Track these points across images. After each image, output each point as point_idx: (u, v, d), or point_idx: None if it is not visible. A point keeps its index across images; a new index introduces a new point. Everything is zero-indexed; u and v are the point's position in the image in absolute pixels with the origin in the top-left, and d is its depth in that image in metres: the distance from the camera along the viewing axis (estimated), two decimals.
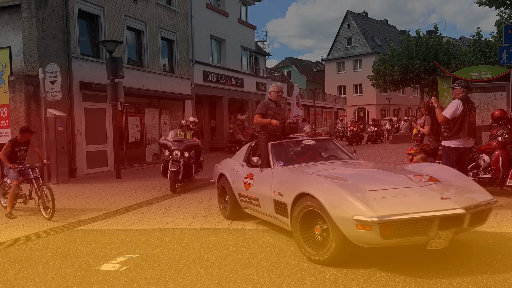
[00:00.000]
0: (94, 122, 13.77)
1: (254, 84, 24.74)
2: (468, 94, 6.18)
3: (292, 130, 6.11)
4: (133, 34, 16.18)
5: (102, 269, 4.29)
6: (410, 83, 29.43)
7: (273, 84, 6.41)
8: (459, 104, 6.03)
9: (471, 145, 6.23)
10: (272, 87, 6.29)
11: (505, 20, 21.09)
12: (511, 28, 9.75)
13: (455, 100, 6.12)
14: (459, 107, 6.00)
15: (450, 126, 6.09)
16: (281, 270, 4.03)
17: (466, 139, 6.07)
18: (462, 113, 5.99)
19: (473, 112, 6.15)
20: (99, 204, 8.14)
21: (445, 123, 6.16)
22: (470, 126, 6.05)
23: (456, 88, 6.20)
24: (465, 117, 6.00)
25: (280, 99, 6.38)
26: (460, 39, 57.19)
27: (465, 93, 6.11)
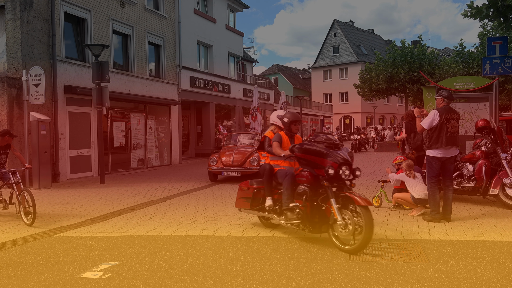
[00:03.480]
0: (78, 126, 13.58)
1: (241, 90, 24.74)
2: (450, 103, 6.23)
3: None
4: (119, 38, 16.05)
5: (84, 277, 4.19)
6: (395, 92, 29.82)
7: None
8: (435, 114, 6.12)
9: (454, 154, 6.19)
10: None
11: (488, 32, 21.57)
12: (494, 40, 9.97)
13: (433, 110, 6.23)
14: (436, 118, 6.09)
15: (430, 136, 6.20)
16: (267, 278, 3.99)
17: (447, 148, 6.08)
18: (439, 123, 6.05)
19: (454, 121, 6.10)
20: (82, 210, 7.99)
21: (426, 133, 6.26)
22: (449, 136, 6.03)
23: (438, 98, 6.30)
24: (443, 127, 6.04)
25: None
26: (444, 50, 58.31)
27: (446, 103, 6.17)
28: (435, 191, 6.17)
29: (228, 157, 11.43)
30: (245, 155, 11.40)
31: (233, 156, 11.37)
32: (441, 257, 4.46)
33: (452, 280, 3.80)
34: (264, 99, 27.46)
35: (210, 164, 11.44)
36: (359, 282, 3.82)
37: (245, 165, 11.14)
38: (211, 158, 11.54)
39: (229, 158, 11.39)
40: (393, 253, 4.62)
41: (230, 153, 11.56)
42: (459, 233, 5.44)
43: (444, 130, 6.04)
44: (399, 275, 3.96)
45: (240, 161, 11.23)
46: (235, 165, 11.20)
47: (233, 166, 11.18)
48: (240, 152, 11.61)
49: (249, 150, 11.72)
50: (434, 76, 26.89)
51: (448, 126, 6.04)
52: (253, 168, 10.96)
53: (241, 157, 11.34)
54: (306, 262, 4.41)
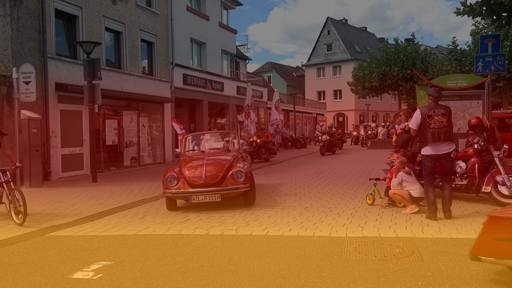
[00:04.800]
0: (70, 124, 13.45)
1: (235, 88, 24.68)
2: (437, 101, 6.21)
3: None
4: (111, 35, 15.91)
5: (75, 277, 4.13)
6: (389, 89, 29.89)
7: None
8: (417, 113, 6.22)
9: (446, 151, 6.09)
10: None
11: (480, 30, 21.67)
12: (487, 38, 9.98)
13: (417, 110, 6.34)
14: (418, 116, 6.19)
15: (419, 135, 6.28)
16: (260, 278, 3.96)
17: (435, 145, 6.05)
18: (421, 121, 6.11)
19: (438, 117, 6.00)
20: (74, 208, 7.91)
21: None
22: (433, 132, 6.02)
23: (428, 96, 6.35)
24: (425, 124, 6.08)
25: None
26: (437, 48, 58.60)
27: (432, 100, 6.19)
28: (429, 190, 6.17)
29: (195, 171, 7.31)
30: (222, 166, 7.41)
31: (204, 169, 7.25)
32: (435, 255, 4.46)
33: (446, 278, 3.80)
34: (257, 96, 27.42)
35: (167, 185, 7.17)
36: (352, 280, 3.81)
37: (226, 183, 7.18)
38: (168, 175, 7.24)
39: (198, 172, 7.25)
40: (386, 251, 4.62)
41: (198, 165, 7.48)
42: (452, 231, 5.45)
43: (427, 127, 6.07)
44: (392, 273, 3.95)
45: (217, 177, 7.17)
46: (210, 183, 7.11)
47: (206, 186, 7.10)
48: (214, 163, 7.56)
49: (227, 158, 7.76)
50: (427, 74, 26.98)
51: (430, 123, 6.04)
52: (239, 186, 7.14)
53: (217, 170, 7.28)
54: (300, 261, 4.39)
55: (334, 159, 18.16)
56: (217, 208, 7.44)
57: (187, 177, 7.23)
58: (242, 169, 7.32)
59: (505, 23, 8.83)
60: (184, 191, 7.12)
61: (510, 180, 6.65)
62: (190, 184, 7.16)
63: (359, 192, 8.88)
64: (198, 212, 7.21)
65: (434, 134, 6.01)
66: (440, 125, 6.01)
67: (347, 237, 5.31)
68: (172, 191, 7.15)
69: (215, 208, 7.41)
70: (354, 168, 13.98)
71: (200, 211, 7.27)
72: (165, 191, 7.25)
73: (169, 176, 7.24)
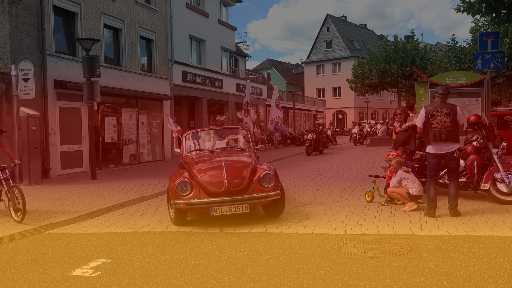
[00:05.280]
0: (69, 121, 13.44)
1: (234, 85, 24.66)
2: (443, 99, 6.19)
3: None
4: (110, 32, 15.88)
5: (74, 275, 4.14)
6: (388, 87, 29.89)
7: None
8: (422, 112, 6.29)
9: (449, 151, 6.08)
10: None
11: (479, 27, 21.65)
12: (486, 35, 9.97)
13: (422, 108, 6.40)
14: (422, 115, 6.26)
15: (423, 133, 6.34)
16: (259, 275, 3.97)
17: (437, 144, 6.09)
18: (425, 119, 6.17)
19: (441, 117, 6.03)
20: (73, 206, 7.92)
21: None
22: (434, 131, 6.06)
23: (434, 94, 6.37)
24: (428, 123, 6.14)
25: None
26: (436, 45, 58.52)
27: (439, 99, 6.18)
28: (430, 186, 6.22)
29: (213, 175, 5.91)
30: (246, 169, 6.07)
31: (224, 173, 5.86)
32: (433, 252, 4.47)
33: (444, 276, 3.80)
34: (257, 94, 27.40)
35: (179, 193, 5.75)
36: (351, 278, 3.81)
37: (252, 189, 5.83)
38: (179, 181, 5.81)
39: (216, 177, 5.86)
40: (385, 249, 4.62)
41: (214, 167, 6.10)
42: (451, 228, 5.46)
43: (429, 126, 6.11)
44: (391, 270, 3.96)
45: (242, 182, 5.83)
46: (233, 190, 5.74)
47: (228, 194, 5.72)
48: (235, 165, 6.19)
49: (248, 160, 6.39)
50: (427, 71, 26.96)
51: (432, 122, 6.07)
52: (270, 193, 5.84)
53: (240, 174, 5.94)
54: (298, 259, 4.39)
55: (321, 159, 18.15)
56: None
57: (203, 183, 5.77)
58: (271, 172, 6.03)
59: (505, 20, 8.82)
60: (202, 201, 5.64)
61: (508, 177, 6.66)
62: (208, 192, 5.71)
63: (357, 189, 8.89)
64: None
65: (435, 133, 6.05)
66: (442, 125, 6.02)
67: (346, 234, 5.31)
68: (186, 201, 5.64)
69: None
70: (353, 165, 13.98)
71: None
72: (176, 202, 5.68)
73: (181, 183, 5.74)
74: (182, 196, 5.74)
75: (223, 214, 5.74)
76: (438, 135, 6.04)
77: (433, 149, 6.15)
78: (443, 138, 6.03)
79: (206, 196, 5.74)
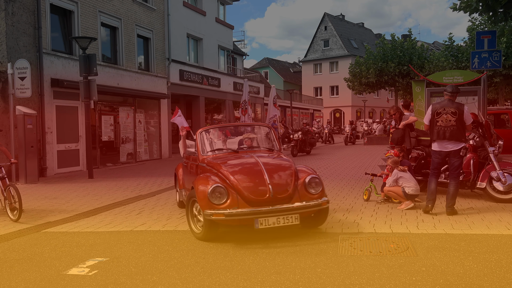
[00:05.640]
0: (66, 120, 13.40)
1: (231, 84, 24.63)
2: (452, 98, 6.21)
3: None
4: (107, 30, 15.83)
5: (70, 274, 4.13)
6: (385, 85, 29.91)
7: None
8: (429, 109, 6.38)
9: (452, 149, 6.08)
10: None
11: (476, 26, 21.68)
12: (483, 34, 9.99)
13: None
14: (429, 112, 6.35)
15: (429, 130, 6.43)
16: (256, 273, 3.97)
17: (439, 142, 6.18)
18: (431, 117, 6.24)
19: (446, 115, 6.09)
20: (70, 205, 7.90)
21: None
22: (438, 130, 6.13)
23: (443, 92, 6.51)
24: (433, 121, 6.22)
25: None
26: (434, 44, 58.62)
27: (448, 97, 6.22)
28: (432, 180, 6.34)
29: (252, 179, 4.96)
30: (288, 171, 5.16)
31: (266, 177, 4.93)
32: (429, 250, 4.48)
33: (440, 274, 3.82)
34: (254, 92, 27.38)
35: (213, 202, 4.79)
36: (347, 276, 3.82)
37: (298, 196, 4.96)
38: (214, 187, 4.85)
39: (257, 182, 4.93)
40: (381, 247, 4.63)
41: (251, 170, 5.11)
42: (447, 226, 5.47)
43: (434, 124, 6.18)
44: (387, 269, 3.97)
45: (287, 188, 4.94)
46: (279, 198, 4.85)
47: (273, 202, 4.81)
48: (275, 167, 5.24)
49: (286, 162, 5.45)
50: (424, 70, 26.99)
51: (437, 120, 6.11)
52: (320, 200, 5.02)
53: (284, 178, 5.04)
54: (295, 257, 4.40)
55: (312, 158, 18.13)
56: None
57: (242, 190, 4.82)
58: (316, 175, 5.21)
59: (501, 19, 8.86)
60: (246, 211, 4.69)
61: (504, 176, 6.69)
62: (249, 200, 4.78)
63: (355, 187, 8.90)
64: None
65: (439, 131, 6.11)
66: (446, 124, 6.06)
67: (343, 233, 5.32)
68: (224, 212, 4.68)
69: None
70: (351, 163, 13.99)
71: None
72: (212, 213, 4.72)
73: (215, 189, 4.78)
74: (217, 205, 4.73)
75: (269, 227, 4.75)
76: (442, 133, 6.09)
77: (437, 147, 6.24)
78: (447, 136, 6.07)
79: (246, 205, 4.74)
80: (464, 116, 6.06)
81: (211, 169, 5.42)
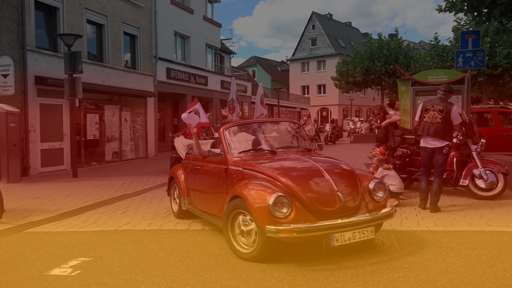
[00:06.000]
0: (50, 118, 13.21)
1: (219, 82, 24.57)
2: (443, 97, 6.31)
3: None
4: (93, 28, 15.65)
5: (52, 274, 4.08)
6: (372, 84, 30.12)
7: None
8: (420, 106, 6.53)
9: (436, 146, 6.20)
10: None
11: (462, 26, 21.96)
12: (468, 34, 10.11)
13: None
14: (419, 109, 6.51)
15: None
16: (240, 272, 3.97)
17: (424, 138, 6.35)
18: (420, 113, 6.41)
19: (433, 112, 6.19)
20: (53, 204, 7.79)
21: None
22: (424, 125, 6.29)
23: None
24: (421, 117, 6.40)
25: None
26: (420, 43, 59.26)
27: (440, 95, 6.35)
28: (422, 178, 6.51)
29: (316, 187, 4.22)
30: (352, 176, 4.49)
31: (333, 184, 4.22)
32: (412, 247, 4.53)
33: (422, 270, 3.86)
34: (241, 91, 27.35)
35: (275, 214, 3.95)
36: (331, 273, 3.84)
37: (366, 206, 4.31)
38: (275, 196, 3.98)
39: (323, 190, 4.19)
40: (365, 244, 4.67)
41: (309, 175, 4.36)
42: (430, 223, 5.54)
43: (421, 120, 6.36)
44: (370, 265, 4.00)
45: (356, 196, 4.28)
46: (349, 207, 4.16)
47: (343, 213, 4.12)
48: (334, 171, 4.45)
49: (343, 165, 4.71)
50: (410, 69, 27.25)
51: (425, 116, 6.27)
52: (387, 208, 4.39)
53: (350, 185, 4.36)
54: (280, 255, 4.40)
55: None
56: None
57: (307, 200, 4.07)
58: (379, 179, 4.74)
59: (485, 19, 8.95)
60: (321, 225, 3.93)
61: (486, 173, 6.80)
62: (317, 211, 4.05)
63: None
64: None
65: (424, 127, 6.28)
66: (432, 120, 6.20)
67: None
68: (294, 228, 3.87)
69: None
70: None
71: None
72: (279, 230, 3.87)
73: (278, 199, 3.97)
74: (280, 219, 3.93)
75: (344, 243, 4.00)
76: (426, 129, 6.24)
77: (423, 143, 6.41)
78: (431, 133, 6.19)
79: (312, 218, 4.00)
80: (452, 115, 6.13)
81: (255, 173, 4.50)
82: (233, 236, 4.46)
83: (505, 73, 20.41)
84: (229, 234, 4.49)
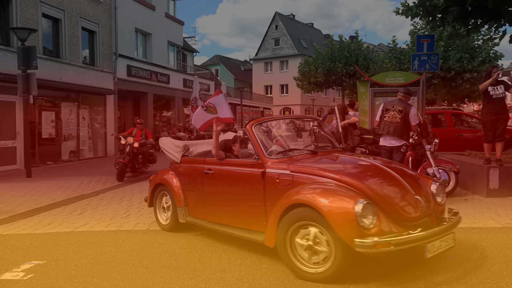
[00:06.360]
0: (1, 116, 12.59)
1: (181, 80, 24.26)
2: (403, 98, 6.68)
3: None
4: (49, 22, 15.04)
5: (2, 279, 3.89)
6: (333, 85, 30.70)
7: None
8: (380, 106, 6.88)
9: (394, 145, 6.56)
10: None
11: (418, 30, 22.78)
12: (423, 38, 10.51)
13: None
14: (380, 108, 6.86)
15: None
16: (201, 272, 3.94)
17: (384, 137, 6.72)
18: (381, 113, 6.76)
19: (393, 112, 6.58)
20: (4, 206, 7.43)
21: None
22: (384, 125, 6.67)
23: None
24: (382, 117, 6.74)
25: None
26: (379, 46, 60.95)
27: (400, 97, 6.68)
28: None
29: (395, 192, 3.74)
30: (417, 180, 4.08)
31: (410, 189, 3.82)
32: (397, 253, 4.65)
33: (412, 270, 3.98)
34: (204, 90, 27.14)
35: (362, 226, 3.37)
36: (289, 272, 3.88)
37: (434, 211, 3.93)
38: (362, 204, 3.39)
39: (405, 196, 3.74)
40: None
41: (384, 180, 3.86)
42: None
43: (382, 120, 6.72)
44: None
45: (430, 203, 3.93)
46: (429, 213, 3.84)
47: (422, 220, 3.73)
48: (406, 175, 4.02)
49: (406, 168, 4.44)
50: (369, 70, 27.97)
51: (385, 116, 6.63)
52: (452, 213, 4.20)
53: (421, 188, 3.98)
54: (241, 254, 4.41)
55: None
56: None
57: (393, 206, 3.63)
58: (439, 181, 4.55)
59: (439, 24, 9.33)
60: (415, 236, 3.46)
61: (439, 172, 7.08)
62: (401, 219, 3.61)
63: None
64: (140, 207, 7.03)
65: (384, 127, 6.60)
66: (392, 120, 6.54)
67: None
68: (389, 240, 3.36)
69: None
70: None
71: (142, 206, 7.08)
72: (374, 243, 3.33)
73: (364, 207, 3.40)
74: (369, 231, 3.38)
75: (434, 254, 3.57)
76: (386, 129, 6.55)
77: (383, 142, 6.73)
78: (390, 132, 6.50)
79: (397, 227, 3.51)
80: (410, 116, 6.53)
81: (313, 177, 3.87)
82: (293, 254, 3.75)
83: (457, 76, 21.38)
84: (288, 252, 3.77)
